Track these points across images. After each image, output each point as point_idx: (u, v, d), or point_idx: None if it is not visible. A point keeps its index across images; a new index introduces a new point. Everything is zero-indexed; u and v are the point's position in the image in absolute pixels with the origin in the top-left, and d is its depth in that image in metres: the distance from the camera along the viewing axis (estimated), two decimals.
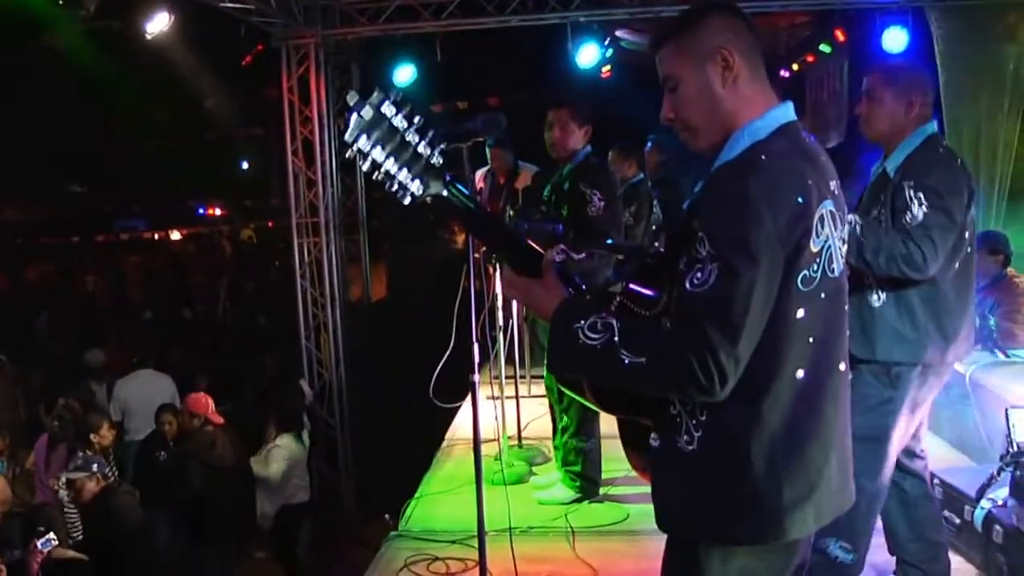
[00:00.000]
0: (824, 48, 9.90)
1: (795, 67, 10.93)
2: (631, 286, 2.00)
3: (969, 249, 3.07)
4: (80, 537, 5.70)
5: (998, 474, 3.51)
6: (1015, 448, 3.46)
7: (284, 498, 6.84)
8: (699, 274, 1.74)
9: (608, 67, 10.01)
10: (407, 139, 1.89)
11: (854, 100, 9.62)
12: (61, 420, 6.85)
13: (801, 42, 10.43)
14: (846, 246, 1.94)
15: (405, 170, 1.90)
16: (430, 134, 1.93)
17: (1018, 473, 3.31)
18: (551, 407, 4.83)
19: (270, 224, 24.39)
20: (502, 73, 12.15)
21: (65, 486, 5.59)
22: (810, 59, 10.51)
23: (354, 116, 1.84)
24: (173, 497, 6.14)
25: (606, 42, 9.02)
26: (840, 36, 9.26)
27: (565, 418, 4.61)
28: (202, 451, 6.42)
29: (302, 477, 7.06)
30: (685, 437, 1.87)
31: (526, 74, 11.76)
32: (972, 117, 6.69)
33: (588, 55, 8.60)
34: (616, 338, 1.79)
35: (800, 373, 1.83)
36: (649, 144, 7.01)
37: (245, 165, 24.09)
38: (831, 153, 1.99)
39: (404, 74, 8.97)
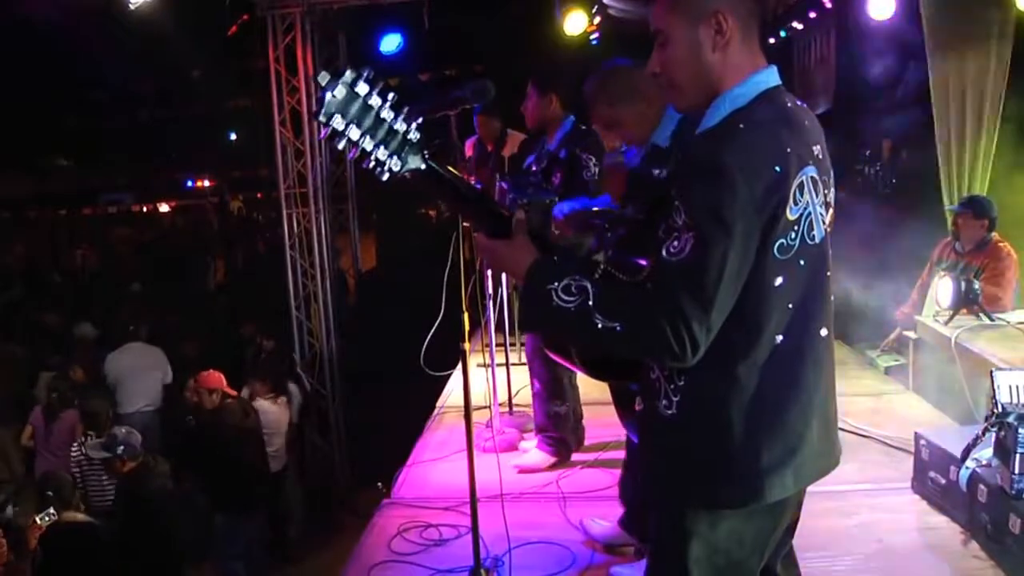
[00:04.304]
0: (812, 14, 9.85)
1: (783, 33, 10.88)
2: (617, 254, 2.01)
3: None
4: (108, 501, 5.79)
5: (983, 435, 3.55)
6: (999, 409, 3.50)
7: None
8: (675, 243, 1.75)
9: (596, 35, 9.94)
10: (382, 116, 1.86)
11: (842, 66, 9.64)
12: (60, 391, 6.88)
13: (789, 8, 10.37)
14: (831, 211, 1.95)
15: (382, 147, 1.88)
16: (405, 109, 1.90)
17: (1002, 434, 3.35)
18: None
19: (259, 195, 24.27)
20: (489, 40, 12.07)
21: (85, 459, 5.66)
22: (798, 25, 10.46)
23: (327, 95, 1.81)
24: (211, 466, 6.21)
25: (594, 9, 8.95)
26: (827, 2, 9.22)
27: (536, 383, 4.64)
28: (235, 421, 6.46)
29: (275, 445, 7.05)
30: (664, 401, 1.89)
31: (513, 41, 11.67)
32: (959, 81, 6.67)
33: (576, 23, 8.54)
34: (591, 302, 1.80)
35: (779, 338, 1.84)
36: None
37: (233, 136, 23.86)
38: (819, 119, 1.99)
39: (391, 42, 8.89)
